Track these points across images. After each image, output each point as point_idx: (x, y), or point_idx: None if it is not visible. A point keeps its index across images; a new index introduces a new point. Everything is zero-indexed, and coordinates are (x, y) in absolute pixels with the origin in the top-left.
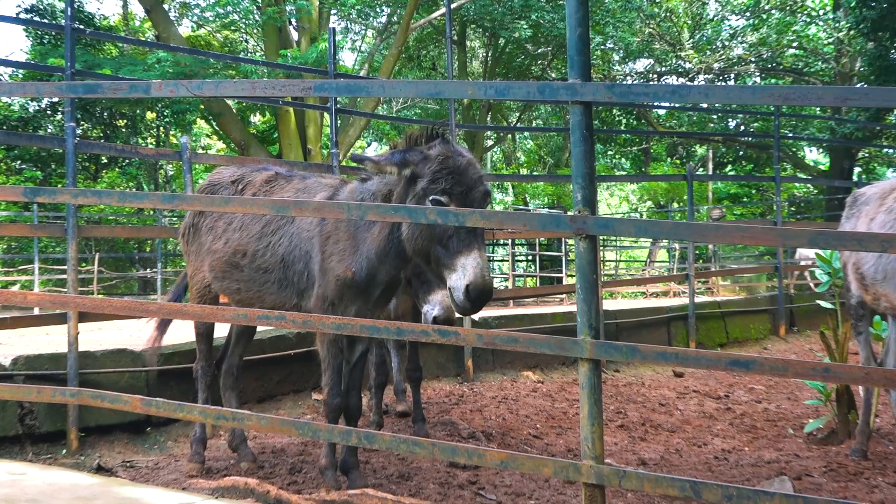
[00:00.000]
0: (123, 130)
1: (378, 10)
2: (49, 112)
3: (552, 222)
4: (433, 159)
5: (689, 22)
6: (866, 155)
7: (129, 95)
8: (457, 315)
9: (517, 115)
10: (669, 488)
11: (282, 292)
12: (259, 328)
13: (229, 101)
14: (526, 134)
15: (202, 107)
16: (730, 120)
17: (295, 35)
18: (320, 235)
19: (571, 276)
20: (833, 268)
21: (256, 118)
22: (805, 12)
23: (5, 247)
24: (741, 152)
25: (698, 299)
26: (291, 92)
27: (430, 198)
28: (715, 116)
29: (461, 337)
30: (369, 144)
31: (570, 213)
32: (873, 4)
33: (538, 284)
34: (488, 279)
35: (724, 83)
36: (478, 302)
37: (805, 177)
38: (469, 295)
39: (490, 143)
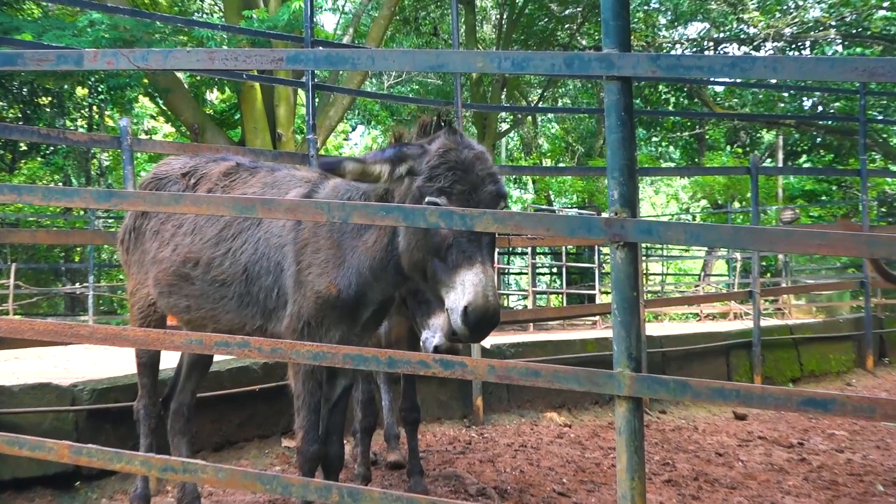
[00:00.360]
0: (48, 111)
1: None
2: None
3: (582, 226)
4: (432, 153)
5: None
6: None
7: (57, 68)
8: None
9: (539, 92)
10: None
11: (243, 311)
12: (216, 357)
13: (180, 75)
14: (550, 116)
15: (146, 81)
16: (804, 99)
17: None
18: (295, 243)
19: (606, 293)
20: None
21: (214, 96)
22: None
23: None
24: (819, 139)
25: (765, 323)
26: (258, 64)
27: (426, 199)
28: (786, 95)
29: (469, 369)
30: (354, 128)
31: (604, 214)
32: None
33: (565, 304)
34: (492, 299)
35: (796, 53)
36: (479, 327)
37: None
38: (468, 318)
39: (505, 126)
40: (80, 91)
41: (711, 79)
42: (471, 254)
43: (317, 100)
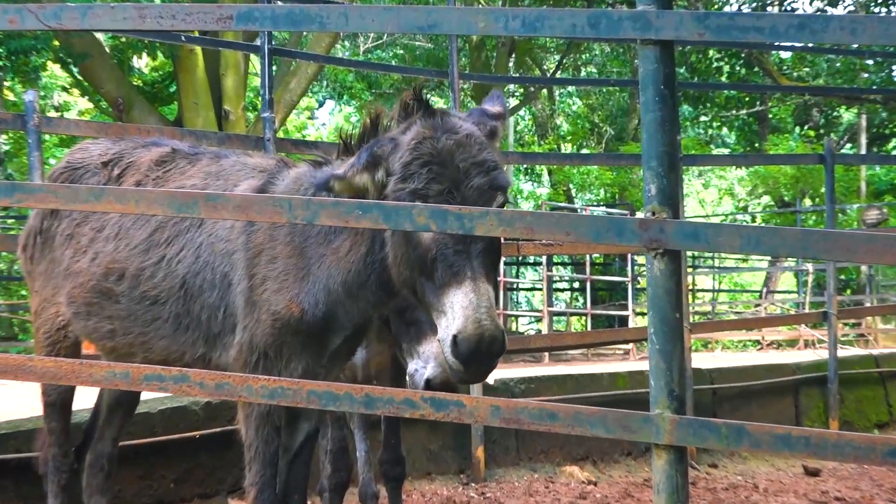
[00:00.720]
0: None
1: None
2: None
3: (611, 229)
4: (404, 147)
5: None
6: None
7: None
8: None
9: (556, 59)
10: None
11: (181, 337)
12: (144, 395)
13: (101, 37)
14: (570, 90)
15: (57, 44)
16: (894, 68)
17: None
18: (246, 250)
19: (642, 314)
20: None
21: (143, 63)
22: None
23: None
24: None
25: (844, 353)
26: (200, 24)
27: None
28: (870, 63)
29: (467, 410)
30: (321, 104)
31: (639, 214)
32: None
33: (589, 328)
34: (487, 324)
35: (884, 11)
36: (473, 362)
37: None
38: (458, 351)
39: (513, 102)
40: None
41: (775, 43)
42: (458, 268)
43: (274, 68)
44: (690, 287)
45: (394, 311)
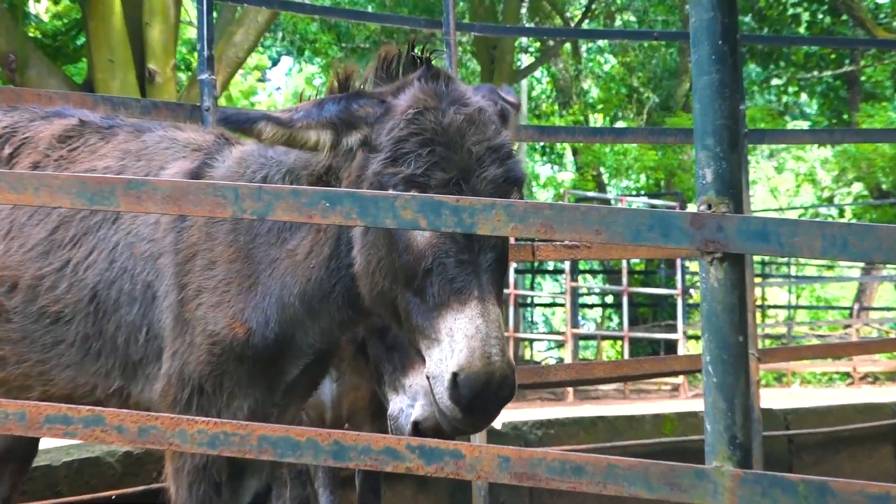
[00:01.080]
0: None
1: None
2: None
3: (654, 227)
4: (398, 115)
5: None
6: None
7: None
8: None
9: (583, 3)
10: None
11: (91, 365)
12: (45, 442)
13: None
14: (601, 44)
15: None
16: None
17: None
18: (176, 252)
19: (695, 337)
20: None
21: (42, 7)
22: None
23: None
24: None
25: None
26: None
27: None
28: None
29: (467, 463)
30: (276, 62)
31: (691, 207)
32: None
33: (626, 355)
34: (498, 360)
35: None
36: (475, 408)
37: None
38: (459, 393)
39: (527, 60)
40: None
41: None
42: (462, 283)
43: (215, 15)
44: (759, 302)
45: (372, 331)
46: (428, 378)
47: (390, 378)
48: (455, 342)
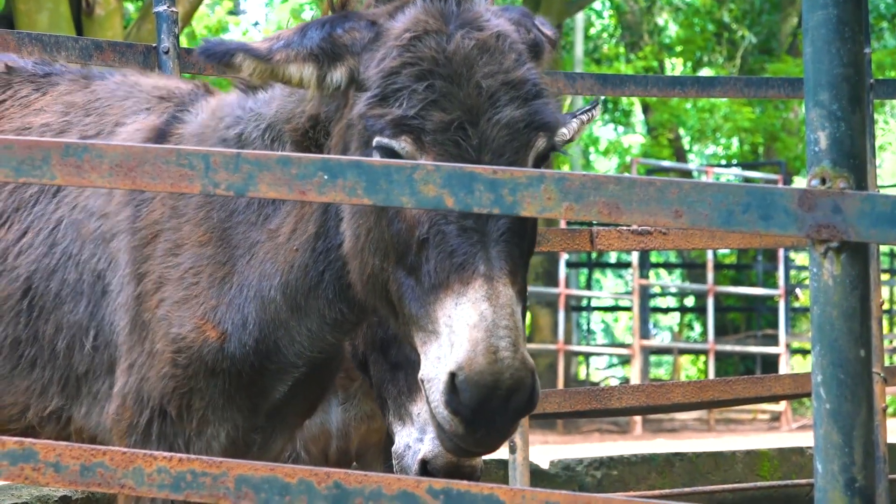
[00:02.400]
0: None
1: None
2: None
3: (751, 208)
4: (390, 41)
5: None
6: None
7: None
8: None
9: None
10: None
11: (22, 379)
12: None
13: None
14: None
15: None
16: None
17: None
18: (133, 231)
19: (802, 351)
20: None
21: None
22: None
23: None
24: None
25: None
26: None
27: (374, 141)
28: None
29: None
30: None
31: (798, 181)
32: None
33: (711, 374)
34: (507, 357)
35: None
36: (480, 420)
37: None
38: (456, 400)
39: None
40: None
41: None
42: (464, 257)
43: None
44: (886, 307)
45: (373, 345)
46: (422, 382)
47: (395, 404)
48: (455, 334)
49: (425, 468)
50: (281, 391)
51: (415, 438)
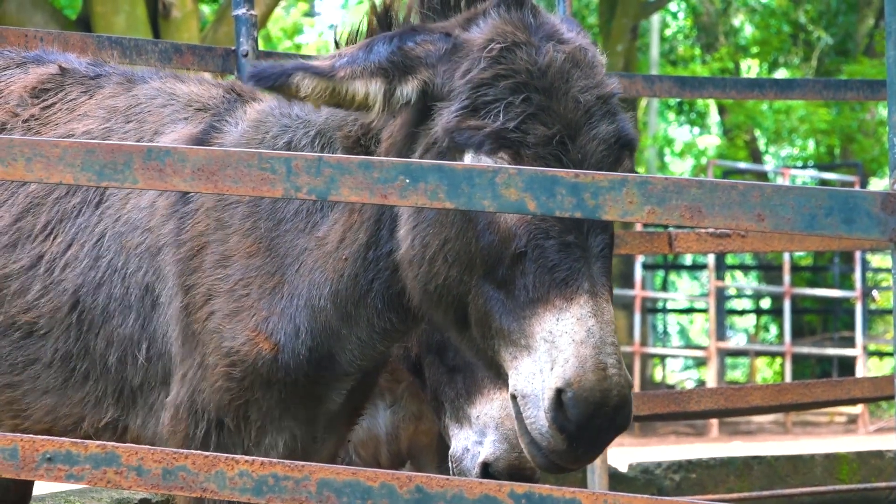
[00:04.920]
0: None
1: None
2: None
3: (834, 211)
4: (474, 51)
5: None
6: None
7: None
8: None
9: None
10: None
11: (76, 392)
12: (39, 486)
13: None
14: None
15: None
16: None
17: None
18: (178, 244)
19: (881, 353)
20: None
21: None
22: None
23: None
24: None
25: None
26: None
27: (467, 155)
28: None
29: None
30: None
31: (873, 183)
32: None
33: (788, 377)
34: (615, 375)
35: None
36: (584, 437)
37: None
38: (566, 417)
39: None
40: None
41: None
42: (569, 273)
43: None
44: None
45: (428, 348)
46: (514, 398)
47: (452, 407)
48: (558, 350)
49: (486, 471)
50: (337, 401)
51: (473, 441)
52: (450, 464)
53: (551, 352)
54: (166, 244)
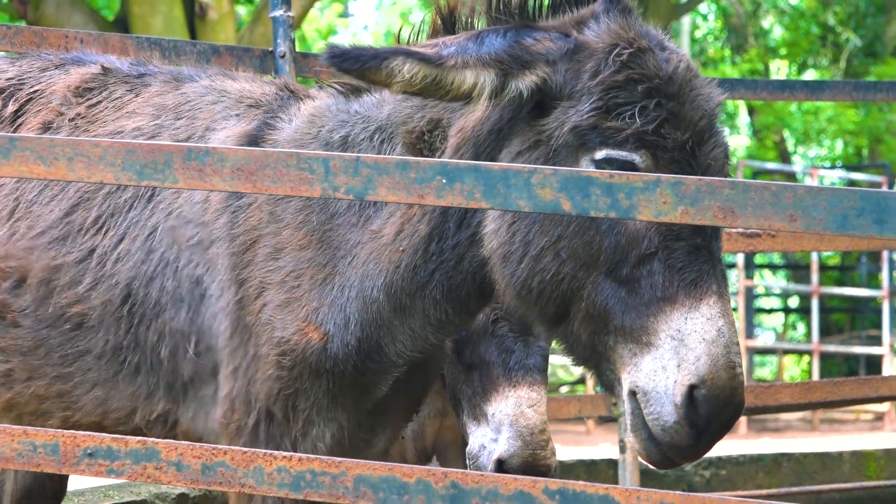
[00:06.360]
0: None
1: None
2: None
3: (865, 211)
4: (600, 53)
5: None
6: None
7: None
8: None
9: None
10: None
11: (126, 385)
12: (77, 481)
13: None
14: None
15: None
16: None
17: None
18: (231, 238)
19: None
20: None
21: None
22: None
23: None
24: None
25: None
26: None
27: (601, 154)
28: None
29: None
30: None
31: None
32: None
33: (816, 375)
34: (741, 374)
35: None
36: (709, 430)
37: None
38: (695, 412)
39: None
40: None
41: None
42: (697, 274)
43: None
44: None
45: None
46: (632, 394)
47: (469, 404)
48: (687, 348)
49: (501, 467)
50: (382, 390)
51: (490, 439)
52: (467, 460)
53: (679, 350)
54: (219, 238)
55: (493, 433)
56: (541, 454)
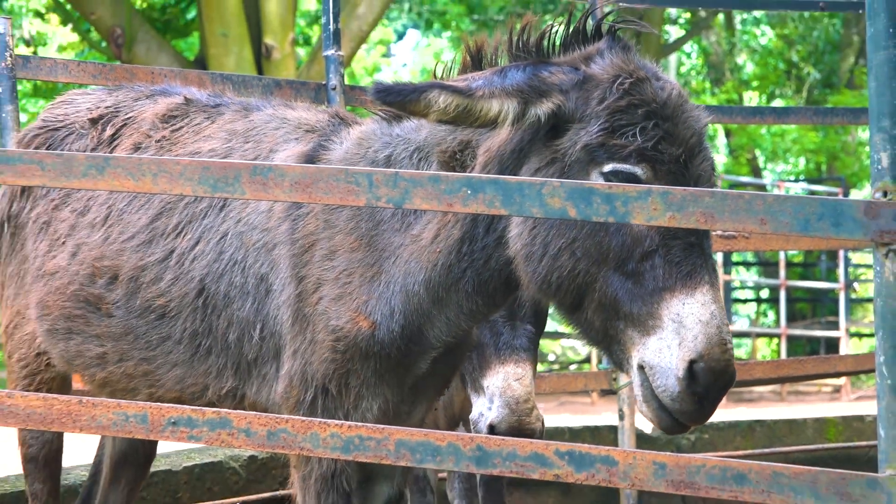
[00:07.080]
0: None
1: None
2: None
3: (825, 216)
4: (605, 83)
5: None
6: None
7: None
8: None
9: None
10: None
11: (201, 365)
12: (163, 445)
13: None
14: (757, 15)
15: None
16: None
17: None
18: (292, 242)
19: (859, 335)
20: None
21: None
22: None
23: None
24: None
25: None
26: None
27: (608, 168)
28: None
29: (619, 470)
30: (401, 35)
31: (853, 193)
32: None
33: (783, 354)
34: (731, 349)
35: None
36: (707, 400)
37: None
38: (696, 384)
39: (676, 33)
40: None
41: None
42: (692, 267)
43: None
44: None
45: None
46: (641, 368)
47: (471, 379)
48: (686, 329)
49: (492, 431)
50: (422, 369)
51: (486, 407)
52: (470, 426)
53: (679, 331)
54: (281, 241)
55: (487, 403)
56: (526, 420)
